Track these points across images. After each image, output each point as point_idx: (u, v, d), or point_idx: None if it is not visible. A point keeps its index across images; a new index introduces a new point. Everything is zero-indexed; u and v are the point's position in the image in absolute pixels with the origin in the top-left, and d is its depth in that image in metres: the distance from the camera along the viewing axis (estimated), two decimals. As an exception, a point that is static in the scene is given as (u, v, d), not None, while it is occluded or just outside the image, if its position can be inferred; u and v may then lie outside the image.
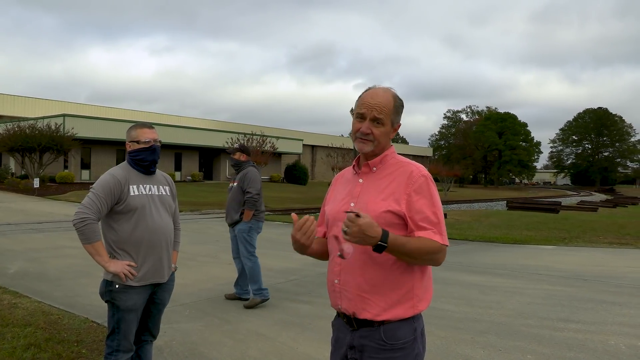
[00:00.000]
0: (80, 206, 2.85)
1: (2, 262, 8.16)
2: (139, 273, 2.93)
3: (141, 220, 2.94)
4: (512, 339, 4.64)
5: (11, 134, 28.27)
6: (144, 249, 2.96)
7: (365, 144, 1.97)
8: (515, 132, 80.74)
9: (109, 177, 2.95)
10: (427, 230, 1.87)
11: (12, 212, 17.28)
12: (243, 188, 5.87)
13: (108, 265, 2.86)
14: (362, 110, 1.96)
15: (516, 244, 11.47)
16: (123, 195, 2.92)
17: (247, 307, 5.69)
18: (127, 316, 2.93)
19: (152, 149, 3.06)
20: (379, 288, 1.90)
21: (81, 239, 2.84)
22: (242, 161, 6.04)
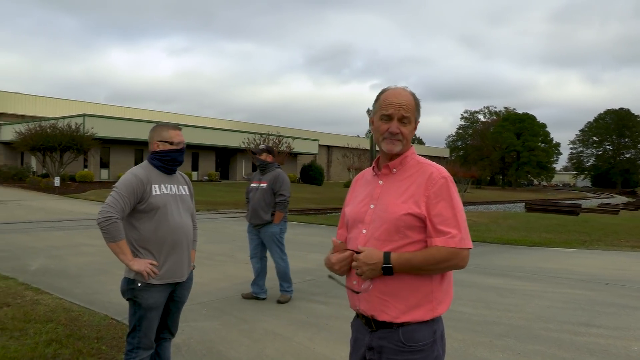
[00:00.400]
0: (104, 205, 2.87)
1: (24, 259, 8.30)
2: (160, 271, 2.96)
3: (163, 219, 2.98)
4: (532, 343, 4.59)
5: (33, 133, 28.78)
6: (166, 247, 3.00)
7: (395, 144, 1.96)
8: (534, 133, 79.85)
9: (131, 176, 2.97)
10: (444, 235, 1.85)
11: (34, 210, 17.57)
12: (275, 190, 5.92)
13: (132, 263, 2.89)
14: (389, 110, 1.95)
15: (535, 247, 11.33)
16: (145, 195, 2.95)
17: (281, 302, 5.86)
18: (148, 314, 2.97)
19: (182, 150, 3.15)
20: (398, 291, 1.89)
21: (106, 238, 2.86)
22: (268, 162, 6.07)
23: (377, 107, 2.01)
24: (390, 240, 1.89)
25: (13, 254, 8.70)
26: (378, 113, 2.00)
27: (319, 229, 14.21)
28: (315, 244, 10.86)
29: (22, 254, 8.79)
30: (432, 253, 1.84)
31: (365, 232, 1.96)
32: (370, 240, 1.93)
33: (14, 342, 4.23)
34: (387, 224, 1.90)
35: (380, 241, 1.91)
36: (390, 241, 1.89)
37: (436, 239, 1.85)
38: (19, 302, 5.50)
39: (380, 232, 1.91)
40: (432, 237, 1.86)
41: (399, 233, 1.88)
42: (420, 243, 1.89)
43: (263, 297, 6.02)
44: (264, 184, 5.97)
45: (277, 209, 5.95)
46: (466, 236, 1.89)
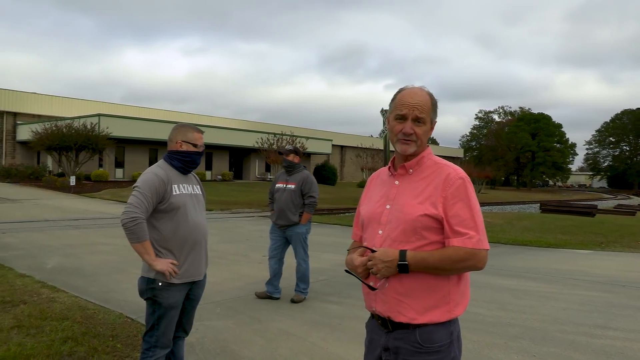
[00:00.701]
0: (129, 205, 2.87)
1: (41, 257, 8.40)
2: (180, 270, 2.99)
3: (183, 219, 3.02)
4: (547, 345, 4.54)
5: (49, 133, 29.12)
6: (187, 247, 3.03)
7: (409, 145, 1.94)
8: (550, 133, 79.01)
9: (153, 176, 2.98)
10: (462, 236, 1.84)
11: (50, 208, 17.78)
12: (304, 191, 5.95)
13: (155, 263, 2.90)
14: (404, 110, 1.93)
15: (550, 248, 11.21)
16: (166, 195, 2.98)
17: (295, 302, 5.90)
18: (169, 313, 3.00)
19: (202, 153, 3.21)
20: (414, 292, 1.87)
21: (131, 238, 2.86)
22: (295, 163, 6.08)
23: (392, 106, 2.00)
24: (406, 241, 1.88)
25: (29, 253, 8.81)
26: (393, 113, 1.98)
27: (332, 229, 14.20)
28: (329, 244, 10.86)
29: (38, 252, 8.90)
30: (449, 253, 1.83)
31: (382, 233, 1.95)
32: (386, 241, 1.92)
33: (31, 340, 4.29)
34: (404, 225, 1.89)
35: (397, 242, 1.90)
36: (406, 242, 1.88)
37: (454, 239, 1.84)
38: (36, 299, 5.57)
39: (397, 233, 1.90)
40: (449, 238, 1.85)
41: (415, 234, 1.87)
42: (437, 244, 1.88)
43: (277, 297, 6.04)
44: (292, 185, 5.98)
45: (306, 210, 6.00)
46: (484, 237, 1.87)
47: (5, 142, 37.50)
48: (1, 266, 7.37)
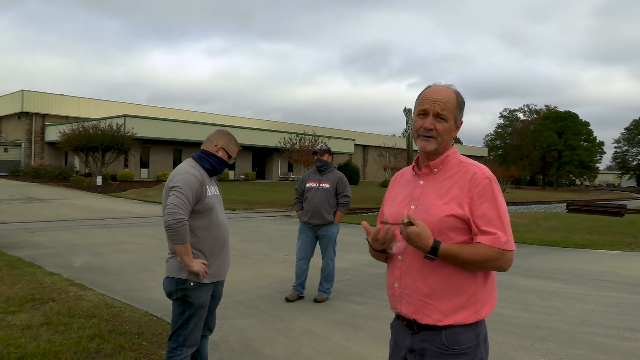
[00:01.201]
0: (173, 207, 2.86)
1: (69, 255, 8.57)
2: (211, 270, 3.05)
3: (214, 219, 3.08)
4: (575, 347, 4.45)
5: (76, 134, 29.68)
6: (217, 247, 3.10)
7: (429, 142, 1.91)
8: (576, 132, 77.42)
9: (191, 176, 3.00)
10: (489, 235, 1.81)
11: (77, 208, 18.13)
12: (339, 191, 5.98)
13: (193, 264, 2.93)
14: (425, 106, 1.91)
15: (577, 248, 10.99)
16: (202, 195, 3.02)
17: (318, 301, 5.92)
18: (198, 312, 3.04)
19: (232, 163, 3.31)
20: (440, 293, 1.85)
21: (175, 240, 2.86)
22: (329, 163, 6.09)
23: (416, 103, 1.98)
24: None
25: (58, 251, 8.99)
26: (416, 109, 1.96)
27: (355, 229, 14.17)
28: (352, 244, 10.83)
29: (66, 251, 9.08)
30: (480, 250, 1.80)
31: None
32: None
33: (59, 337, 4.37)
34: (429, 225, 1.85)
35: None
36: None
37: (482, 237, 1.81)
38: (64, 297, 5.68)
39: None
40: (477, 236, 1.83)
41: (441, 234, 1.84)
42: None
43: (303, 296, 6.06)
44: (326, 185, 5.98)
45: (339, 209, 6.03)
46: (511, 239, 1.84)
47: (34, 143, 38.36)
48: (31, 264, 7.54)
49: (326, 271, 6.05)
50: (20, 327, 4.59)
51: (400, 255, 1.93)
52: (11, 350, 3.99)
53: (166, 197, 2.98)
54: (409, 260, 1.90)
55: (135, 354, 4.03)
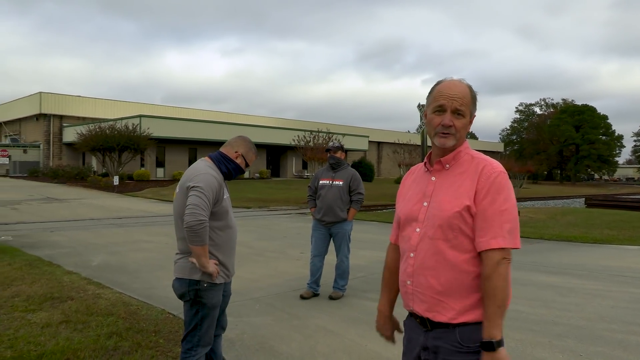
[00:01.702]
0: (195, 207, 2.83)
1: (87, 254, 8.67)
2: (223, 270, 3.09)
3: (228, 221, 3.11)
4: (594, 344, 4.39)
5: (93, 134, 30.04)
6: (229, 248, 3.13)
7: (448, 138, 1.88)
8: (594, 125, 76.31)
9: (212, 177, 2.99)
10: (487, 234, 1.77)
11: (94, 207, 18.35)
12: (352, 188, 5.97)
13: (209, 265, 2.94)
14: (442, 101, 1.87)
15: (596, 244, 10.84)
16: (220, 197, 3.03)
17: (333, 298, 5.92)
18: (212, 312, 3.06)
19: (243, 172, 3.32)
20: (454, 291, 1.82)
21: (195, 241, 2.84)
22: (342, 160, 6.09)
23: (430, 99, 1.94)
24: (444, 238, 1.83)
25: (76, 250, 9.11)
26: (431, 105, 1.92)
27: (369, 226, 14.14)
28: (366, 241, 10.81)
29: (84, 250, 9.19)
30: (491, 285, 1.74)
31: (419, 231, 1.90)
32: (423, 239, 1.88)
33: (78, 334, 4.43)
34: (441, 222, 1.84)
35: (435, 240, 1.85)
36: (444, 240, 1.83)
37: (481, 239, 1.78)
38: (82, 295, 5.75)
39: (435, 231, 1.85)
40: (476, 238, 1.79)
41: (453, 231, 1.82)
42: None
43: (318, 293, 6.06)
44: (340, 182, 5.96)
45: (353, 207, 6.01)
46: (515, 235, 1.79)
47: (52, 144, 38.92)
48: (50, 263, 7.65)
49: (341, 268, 6.04)
50: (40, 325, 4.66)
51: (412, 253, 1.91)
52: (31, 348, 4.05)
53: (182, 195, 2.96)
54: (422, 258, 1.88)
55: (152, 352, 4.07)
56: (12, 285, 6.11)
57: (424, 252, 1.87)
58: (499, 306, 1.74)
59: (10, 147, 39.75)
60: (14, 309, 5.16)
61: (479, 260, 1.81)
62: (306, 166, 43.82)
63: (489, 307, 1.74)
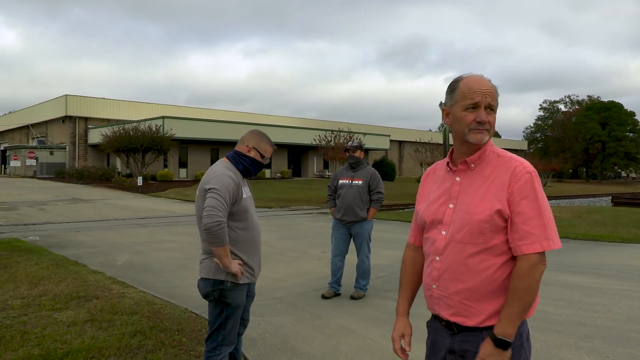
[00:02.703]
0: (212, 209, 2.85)
1: (111, 254, 8.81)
2: (246, 270, 3.10)
3: (250, 221, 3.11)
4: (622, 346, 4.29)
5: (117, 136, 30.51)
6: (253, 248, 3.13)
7: (484, 134, 1.83)
8: (621, 122, 74.71)
9: (228, 178, 2.99)
10: (527, 238, 1.72)
11: (119, 208, 18.63)
12: (371, 187, 5.95)
13: (232, 265, 2.95)
14: (476, 98, 1.80)
15: (624, 243, 10.61)
16: (239, 197, 3.03)
17: (355, 298, 5.91)
18: (236, 312, 3.08)
19: (266, 164, 3.27)
20: (482, 295, 1.78)
21: (214, 242, 2.86)
22: (361, 159, 6.08)
23: (457, 96, 1.85)
24: (473, 242, 1.78)
25: (101, 250, 9.26)
26: (460, 103, 1.84)
27: (391, 225, 14.08)
28: (388, 240, 10.77)
29: (109, 249, 9.34)
30: (518, 287, 1.71)
31: (445, 234, 1.85)
32: (451, 243, 1.83)
33: (103, 333, 4.50)
34: (470, 226, 1.78)
35: (463, 244, 1.80)
36: (473, 244, 1.78)
37: (520, 242, 1.73)
38: (107, 295, 5.84)
39: (463, 235, 1.80)
40: (515, 242, 1.74)
41: (483, 235, 1.77)
42: (505, 245, 1.77)
43: (339, 293, 6.05)
44: (359, 181, 5.94)
45: (373, 206, 5.98)
46: (553, 236, 1.74)
47: (77, 145, 39.65)
48: (76, 263, 7.79)
49: (362, 268, 6.02)
50: (66, 323, 4.74)
51: (438, 256, 1.86)
52: (58, 346, 4.13)
53: (202, 198, 2.98)
54: (448, 262, 1.83)
55: (175, 350, 4.11)
56: (40, 285, 6.24)
57: (451, 256, 1.83)
58: (524, 309, 1.72)
59: (38, 149, 40.63)
60: (41, 307, 5.27)
61: (509, 264, 1.78)
62: (327, 166, 43.79)
63: (512, 307, 1.71)
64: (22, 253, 8.50)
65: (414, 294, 2.12)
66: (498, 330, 1.72)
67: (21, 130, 48.08)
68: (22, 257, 8.07)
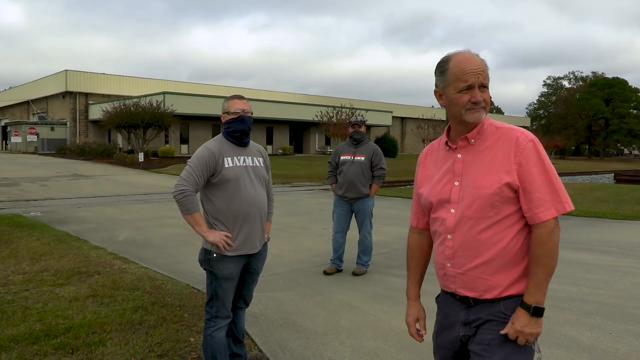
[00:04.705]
0: (179, 179, 2.95)
1: (113, 230, 8.81)
2: (234, 243, 3.01)
3: (236, 192, 3.01)
4: (624, 322, 4.28)
5: (118, 111, 30.35)
6: (240, 220, 3.04)
7: (481, 112, 1.81)
8: (625, 99, 74.05)
9: (203, 150, 3.03)
10: (542, 205, 1.73)
11: (120, 184, 18.62)
12: (374, 163, 5.89)
13: (207, 235, 2.95)
14: (470, 79, 1.78)
15: (626, 220, 10.58)
16: (218, 167, 2.99)
17: (356, 274, 5.90)
18: (224, 284, 3.04)
19: (241, 119, 3.08)
20: (498, 268, 1.79)
21: (181, 210, 2.94)
22: (365, 134, 6.01)
23: (449, 78, 1.82)
24: (484, 217, 1.78)
25: (103, 226, 9.26)
26: (453, 85, 1.81)
27: (393, 202, 14.06)
28: (390, 217, 10.76)
29: (110, 225, 9.34)
30: (540, 253, 1.75)
31: (455, 212, 1.84)
32: (462, 220, 1.82)
33: (104, 308, 4.50)
34: (480, 201, 1.78)
35: (474, 219, 1.80)
36: (484, 218, 1.78)
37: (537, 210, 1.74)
38: (108, 270, 5.84)
39: (473, 210, 1.80)
40: (531, 210, 1.75)
41: (494, 208, 1.77)
42: (515, 215, 1.78)
43: (341, 269, 6.05)
44: (361, 157, 5.87)
45: (375, 182, 5.93)
46: (567, 198, 1.77)
47: (78, 121, 39.52)
48: (77, 239, 7.79)
49: (364, 244, 6.00)
50: (67, 299, 4.75)
51: (449, 234, 1.85)
52: (59, 322, 4.13)
53: None
54: (461, 239, 1.83)
55: (176, 326, 4.11)
56: (41, 260, 6.24)
57: (463, 233, 1.82)
58: (549, 274, 1.76)
59: (38, 124, 40.50)
60: (42, 283, 5.28)
61: (521, 234, 1.80)
62: (329, 142, 43.68)
63: (538, 274, 1.75)
64: (24, 229, 8.50)
65: (422, 277, 2.14)
66: (530, 299, 1.75)
67: (21, 106, 47.86)
68: (23, 233, 8.07)
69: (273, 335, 4.05)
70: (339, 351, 3.74)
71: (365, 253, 6.00)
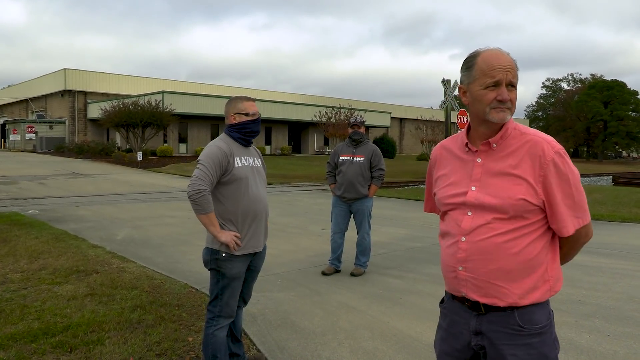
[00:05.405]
0: (194, 178, 2.93)
1: (111, 229, 8.80)
2: (242, 242, 3.04)
3: (245, 191, 3.05)
4: (622, 325, 4.29)
5: (116, 110, 30.33)
6: (249, 219, 3.08)
7: (506, 113, 1.73)
8: (624, 101, 74.10)
9: (215, 149, 3.02)
10: (564, 221, 1.73)
11: (119, 183, 18.60)
12: (373, 164, 5.89)
13: (220, 235, 2.95)
14: (498, 76, 1.70)
15: (624, 223, 10.60)
16: (229, 167, 3.01)
17: (355, 275, 5.89)
18: (232, 283, 3.06)
19: (258, 120, 3.18)
20: (514, 275, 1.71)
21: (197, 210, 2.92)
22: (364, 135, 6.01)
23: (476, 73, 1.74)
24: (502, 223, 1.72)
25: (101, 225, 9.25)
26: (480, 80, 1.73)
27: (391, 202, 14.06)
28: (388, 218, 10.76)
29: (109, 224, 9.33)
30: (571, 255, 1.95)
31: (471, 215, 1.77)
32: (478, 224, 1.75)
33: (103, 307, 4.49)
34: (500, 208, 1.71)
35: (491, 224, 1.73)
36: (502, 224, 1.72)
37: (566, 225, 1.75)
38: (107, 269, 5.84)
39: (492, 216, 1.73)
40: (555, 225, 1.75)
41: (512, 217, 1.71)
42: (535, 224, 1.73)
43: (340, 270, 6.04)
44: (360, 158, 5.87)
45: (374, 183, 5.92)
46: (582, 214, 1.79)
47: (77, 120, 39.47)
48: (75, 237, 7.78)
49: (362, 245, 6.00)
50: (66, 297, 4.74)
51: (464, 237, 1.78)
52: (58, 320, 4.13)
53: None
54: (476, 242, 1.75)
55: (175, 325, 4.10)
56: (39, 259, 6.23)
57: (479, 237, 1.75)
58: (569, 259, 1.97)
59: (37, 123, 40.44)
60: (41, 281, 5.27)
61: (538, 242, 1.74)
62: (327, 142, 43.68)
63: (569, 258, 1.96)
64: (22, 227, 8.49)
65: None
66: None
67: (20, 104, 47.79)
68: (22, 231, 8.06)
69: (271, 335, 4.05)
70: (337, 351, 3.74)
71: (364, 254, 6.00)
